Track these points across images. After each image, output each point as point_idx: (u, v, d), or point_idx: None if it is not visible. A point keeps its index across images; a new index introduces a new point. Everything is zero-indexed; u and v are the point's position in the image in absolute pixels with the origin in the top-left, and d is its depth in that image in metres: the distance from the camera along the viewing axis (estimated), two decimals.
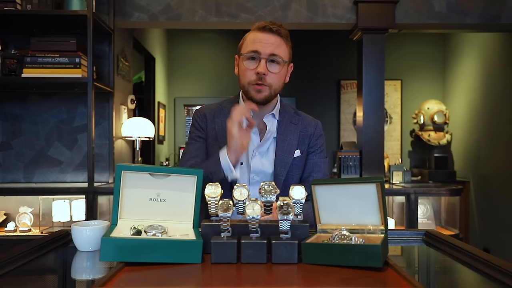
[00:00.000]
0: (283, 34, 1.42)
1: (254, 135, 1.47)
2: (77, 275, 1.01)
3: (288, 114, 1.53)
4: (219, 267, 0.91)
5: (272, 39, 1.39)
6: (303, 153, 1.51)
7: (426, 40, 5.19)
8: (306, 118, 1.57)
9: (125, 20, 3.05)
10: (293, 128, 1.51)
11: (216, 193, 1.00)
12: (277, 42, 1.40)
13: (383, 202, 0.99)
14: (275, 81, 1.41)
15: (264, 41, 1.39)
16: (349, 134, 5.18)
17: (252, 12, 3.07)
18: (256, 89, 1.40)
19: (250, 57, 1.40)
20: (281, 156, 1.46)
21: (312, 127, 1.54)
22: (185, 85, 5.36)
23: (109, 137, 3.02)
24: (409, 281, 0.79)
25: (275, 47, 1.39)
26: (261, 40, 1.39)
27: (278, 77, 1.42)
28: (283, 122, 1.50)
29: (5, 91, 2.97)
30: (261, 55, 1.38)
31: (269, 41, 1.39)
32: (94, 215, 2.66)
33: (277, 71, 1.41)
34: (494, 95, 4.02)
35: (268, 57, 1.39)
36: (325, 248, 0.93)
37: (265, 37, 1.39)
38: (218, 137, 1.48)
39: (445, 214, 3.25)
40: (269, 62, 1.39)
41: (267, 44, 1.39)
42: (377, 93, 3.09)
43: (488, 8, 3.11)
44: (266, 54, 1.38)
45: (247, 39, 1.44)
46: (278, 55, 1.40)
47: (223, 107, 1.53)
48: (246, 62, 1.41)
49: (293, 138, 1.49)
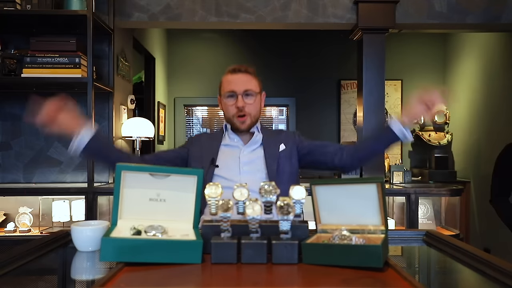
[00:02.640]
0: (251, 72, 1.72)
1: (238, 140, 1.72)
2: (77, 275, 1.00)
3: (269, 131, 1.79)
4: (219, 267, 0.91)
5: (243, 78, 1.69)
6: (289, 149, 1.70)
7: (426, 40, 5.18)
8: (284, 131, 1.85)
9: (125, 20, 3.05)
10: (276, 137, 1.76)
11: (216, 193, 1.00)
12: (247, 79, 1.70)
13: (383, 202, 0.99)
14: (252, 109, 1.70)
15: (237, 81, 1.69)
16: (349, 134, 5.17)
17: (252, 12, 3.07)
18: (240, 121, 1.69)
19: (229, 96, 1.69)
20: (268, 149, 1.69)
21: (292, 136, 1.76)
22: (185, 85, 5.36)
23: (109, 137, 3.02)
24: (409, 281, 0.79)
25: (246, 84, 1.68)
26: (234, 80, 1.69)
27: (254, 105, 1.71)
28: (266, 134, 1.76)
29: (5, 91, 2.97)
30: (237, 92, 1.67)
31: (240, 80, 1.68)
32: (94, 215, 2.66)
33: (252, 101, 1.69)
34: (494, 95, 4.02)
35: (243, 93, 1.67)
36: (325, 248, 0.92)
37: (237, 77, 1.69)
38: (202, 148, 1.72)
39: (446, 214, 3.24)
40: (244, 96, 1.68)
41: (240, 83, 1.68)
42: (377, 93, 3.09)
43: (488, 8, 3.10)
44: (241, 90, 1.67)
45: (223, 82, 1.73)
46: (251, 89, 1.69)
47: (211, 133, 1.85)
48: (226, 100, 1.70)
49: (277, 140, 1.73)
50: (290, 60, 5.17)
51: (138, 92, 4.30)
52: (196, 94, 5.33)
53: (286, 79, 5.13)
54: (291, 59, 5.17)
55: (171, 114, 5.37)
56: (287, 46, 5.18)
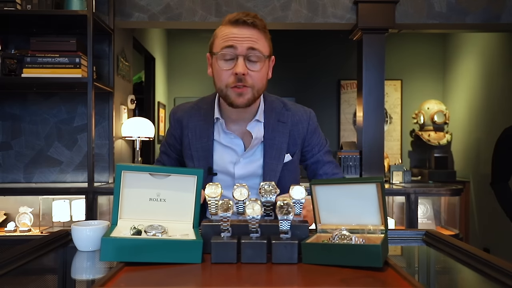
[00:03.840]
0: (260, 26, 1.23)
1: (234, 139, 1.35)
2: (77, 275, 1.01)
3: (275, 112, 1.37)
4: (219, 267, 0.91)
5: (248, 33, 1.20)
6: (295, 156, 1.39)
7: (426, 40, 5.19)
8: (296, 113, 1.40)
9: (125, 20, 3.05)
10: (281, 127, 1.35)
11: (216, 193, 1.01)
12: (255, 35, 1.21)
13: (383, 202, 0.99)
14: (257, 80, 1.23)
15: (239, 36, 1.20)
16: (349, 134, 5.18)
17: (252, 12, 3.07)
18: (236, 93, 1.22)
19: (225, 56, 1.21)
20: (269, 164, 1.33)
21: (304, 122, 1.39)
22: (185, 85, 5.36)
23: (109, 137, 3.02)
24: (409, 281, 0.79)
25: (253, 42, 1.20)
26: (235, 35, 1.20)
27: (260, 75, 1.23)
28: (269, 123, 1.35)
29: (5, 91, 2.97)
30: (238, 52, 1.19)
31: (245, 35, 1.20)
32: (94, 215, 2.66)
33: (258, 68, 1.22)
34: (494, 95, 4.02)
35: (246, 54, 1.20)
36: (325, 248, 0.93)
37: (239, 31, 1.20)
38: (191, 144, 1.37)
39: (445, 214, 3.24)
40: (247, 59, 1.20)
41: (243, 39, 1.19)
42: (377, 93, 3.09)
43: (488, 8, 3.11)
44: (244, 50, 1.20)
45: (219, 36, 1.24)
46: (258, 50, 1.21)
47: (198, 108, 1.41)
48: (221, 62, 1.22)
49: (282, 141, 1.34)
50: (290, 60, 5.17)
51: (138, 92, 4.30)
52: (196, 94, 5.32)
53: (286, 79, 5.13)
54: (291, 59, 5.17)
55: None
56: (287, 46, 5.18)
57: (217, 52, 1.23)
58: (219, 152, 1.37)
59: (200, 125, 1.38)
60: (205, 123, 1.37)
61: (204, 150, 1.36)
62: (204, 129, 1.37)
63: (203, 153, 1.36)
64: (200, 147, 1.36)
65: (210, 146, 1.36)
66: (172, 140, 1.45)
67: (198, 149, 1.36)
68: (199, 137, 1.36)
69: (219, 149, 1.36)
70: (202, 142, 1.36)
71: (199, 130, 1.37)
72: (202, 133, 1.37)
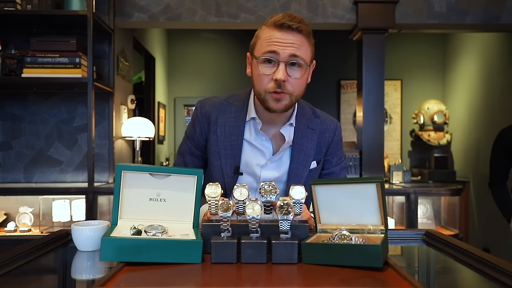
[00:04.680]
0: (305, 31, 1.20)
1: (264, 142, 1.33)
2: (77, 275, 1.01)
3: (306, 118, 1.36)
4: (219, 267, 0.91)
5: (292, 38, 1.18)
6: (320, 163, 1.39)
7: (426, 40, 5.19)
8: (325, 121, 1.40)
9: (125, 20, 3.05)
10: (310, 134, 1.35)
11: (216, 193, 1.00)
12: (298, 41, 1.19)
13: (383, 202, 0.99)
14: (296, 87, 1.22)
15: (282, 41, 1.18)
16: (349, 134, 5.18)
17: (252, 12, 3.07)
18: (274, 98, 1.21)
19: (266, 60, 1.20)
20: (295, 169, 1.32)
21: (330, 132, 1.39)
22: (185, 85, 5.36)
23: (109, 137, 3.02)
24: (409, 281, 0.79)
25: (296, 48, 1.18)
26: (279, 40, 1.18)
27: (300, 82, 1.22)
28: (299, 128, 1.34)
29: (5, 91, 2.97)
30: (280, 58, 1.18)
31: (288, 40, 1.18)
32: (94, 215, 2.66)
33: (299, 76, 1.21)
34: (494, 95, 4.02)
35: (288, 60, 1.18)
36: (325, 248, 0.93)
37: (284, 36, 1.18)
38: (219, 141, 1.33)
39: (445, 214, 3.25)
40: (289, 65, 1.19)
41: (287, 45, 1.17)
42: (377, 93, 3.09)
43: (488, 8, 3.11)
44: (286, 56, 1.18)
45: (262, 38, 1.22)
46: (300, 57, 1.19)
47: (229, 104, 1.36)
48: (261, 66, 1.21)
49: (310, 147, 1.34)
50: None
51: (138, 92, 4.30)
52: (196, 94, 5.33)
53: None
54: None
55: (171, 114, 5.37)
56: None
57: (259, 56, 1.21)
58: (247, 152, 1.34)
59: (231, 122, 1.34)
60: (236, 120, 1.34)
61: (232, 149, 1.33)
62: (234, 127, 1.33)
63: (231, 151, 1.33)
64: (228, 145, 1.33)
65: (239, 145, 1.33)
66: (197, 136, 1.38)
67: (226, 146, 1.32)
68: (228, 135, 1.33)
69: (247, 149, 1.34)
70: (232, 140, 1.33)
71: (229, 127, 1.33)
72: (232, 130, 1.33)
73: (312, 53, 1.26)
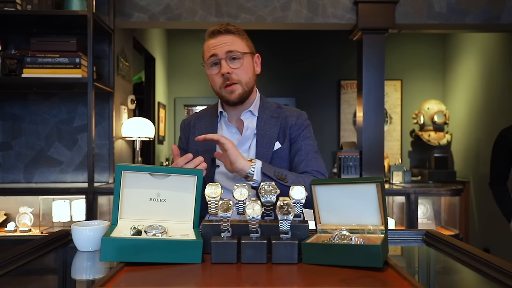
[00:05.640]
0: (234, 30, 1.45)
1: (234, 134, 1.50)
2: (77, 275, 1.01)
3: (269, 109, 1.53)
4: (219, 267, 0.91)
5: (224, 39, 1.43)
6: (285, 144, 1.49)
7: (426, 40, 5.19)
8: (289, 110, 1.55)
9: (125, 20, 3.05)
10: (273, 121, 1.50)
11: (216, 193, 1.01)
12: (230, 39, 1.43)
13: (383, 202, 0.99)
14: (242, 75, 1.44)
15: (217, 44, 1.43)
16: (349, 134, 5.18)
17: (252, 12, 3.07)
18: (228, 91, 1.43)
19: (212, 64, 1.44)
20: (261, 151, 1.46)
21: (293, 117, 1.52)
22: (185, 85, 5.36)
23: (109, 137, 3.02)
24: (409, 281, 0.79)
25: (229, 45, 1.42)
26: (214, 44, 1.43)
27: (244, 70, 1.44)
28: (262, 117, 1.51)
29: (5, 91, 2.97)
30: (219, 57, 1.42)
31: (221, 42, 1.42)
32: (94, 215, 2.66)
33: (239, 65, 1.43)
34: (494, 95, 4.02)
35: (226, 56, 1.42)
36: (325, 248, 0.93)
37: (217, 40, 1.43)
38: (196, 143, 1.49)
39: (445, 214, 3.25)
40: (228, 60, 1.42)
41: (221, 45, 1.42)
42: (377, 93, 3.09)
43: (488, 8, 3.11)
44: (223, 54, 1.41)
45: (204, 49, 1.48)
46: (235, 51, 1.42)
47: (205, 112, 1.61)
48: (210, 70, 1.46)
49: (273, 131, 1.49)
50: (290, 61, 5.17)
51: (138, 92, 4.30)
52: (196, 94, 5.33)
53: (286, 80, 5.13)
54: (291, 59, 5.18)
55: (171, 114, 5.37)
56: (287, 46, 5.18)
57: (206, 63, 1.46)
58: None
59: (206, 124, 1.55)
60: (210, 122, 1.55)
61: (207, 144, 1.47)
62: (209, 127, 1.53)
63: (206, 146, 1.48)
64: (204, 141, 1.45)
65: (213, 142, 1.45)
66: (183, 142, 1.59)
67: (202, 143, 1.46)
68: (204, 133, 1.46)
69: None
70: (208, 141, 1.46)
71: (205, 128, 1.54)
72: (207, 130, 1.52)
73: (248, 46, 1.47)
